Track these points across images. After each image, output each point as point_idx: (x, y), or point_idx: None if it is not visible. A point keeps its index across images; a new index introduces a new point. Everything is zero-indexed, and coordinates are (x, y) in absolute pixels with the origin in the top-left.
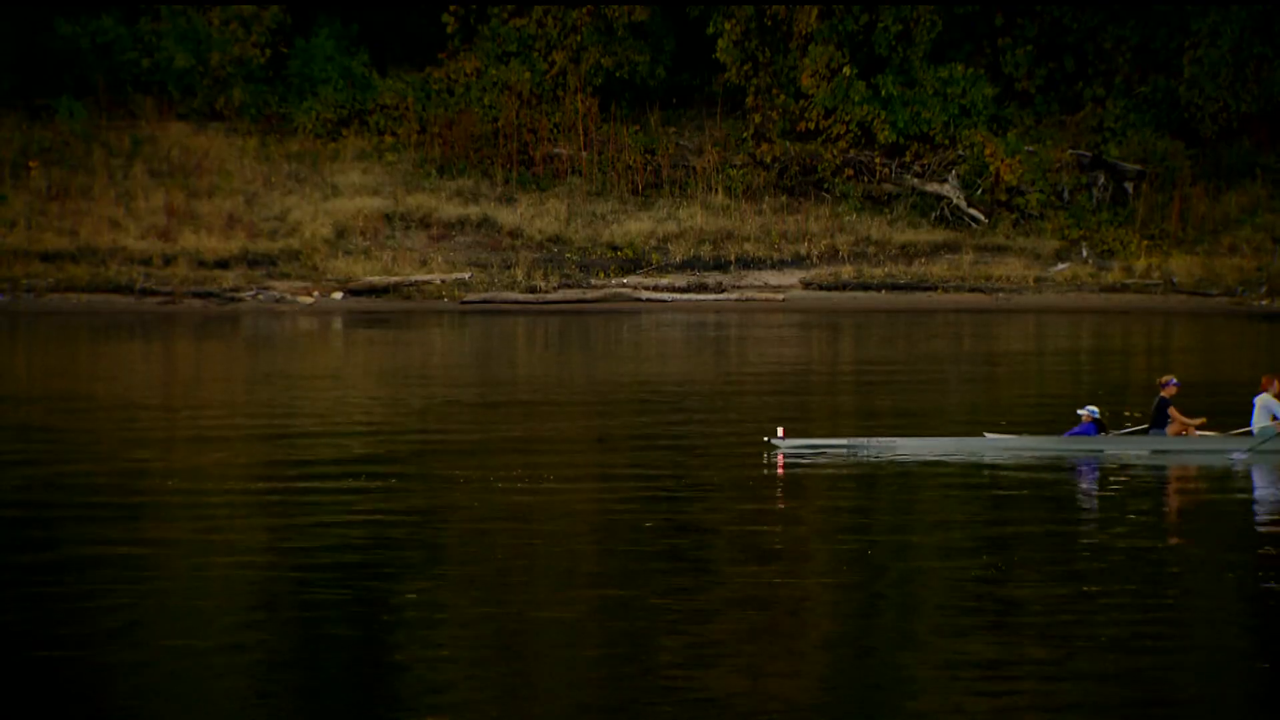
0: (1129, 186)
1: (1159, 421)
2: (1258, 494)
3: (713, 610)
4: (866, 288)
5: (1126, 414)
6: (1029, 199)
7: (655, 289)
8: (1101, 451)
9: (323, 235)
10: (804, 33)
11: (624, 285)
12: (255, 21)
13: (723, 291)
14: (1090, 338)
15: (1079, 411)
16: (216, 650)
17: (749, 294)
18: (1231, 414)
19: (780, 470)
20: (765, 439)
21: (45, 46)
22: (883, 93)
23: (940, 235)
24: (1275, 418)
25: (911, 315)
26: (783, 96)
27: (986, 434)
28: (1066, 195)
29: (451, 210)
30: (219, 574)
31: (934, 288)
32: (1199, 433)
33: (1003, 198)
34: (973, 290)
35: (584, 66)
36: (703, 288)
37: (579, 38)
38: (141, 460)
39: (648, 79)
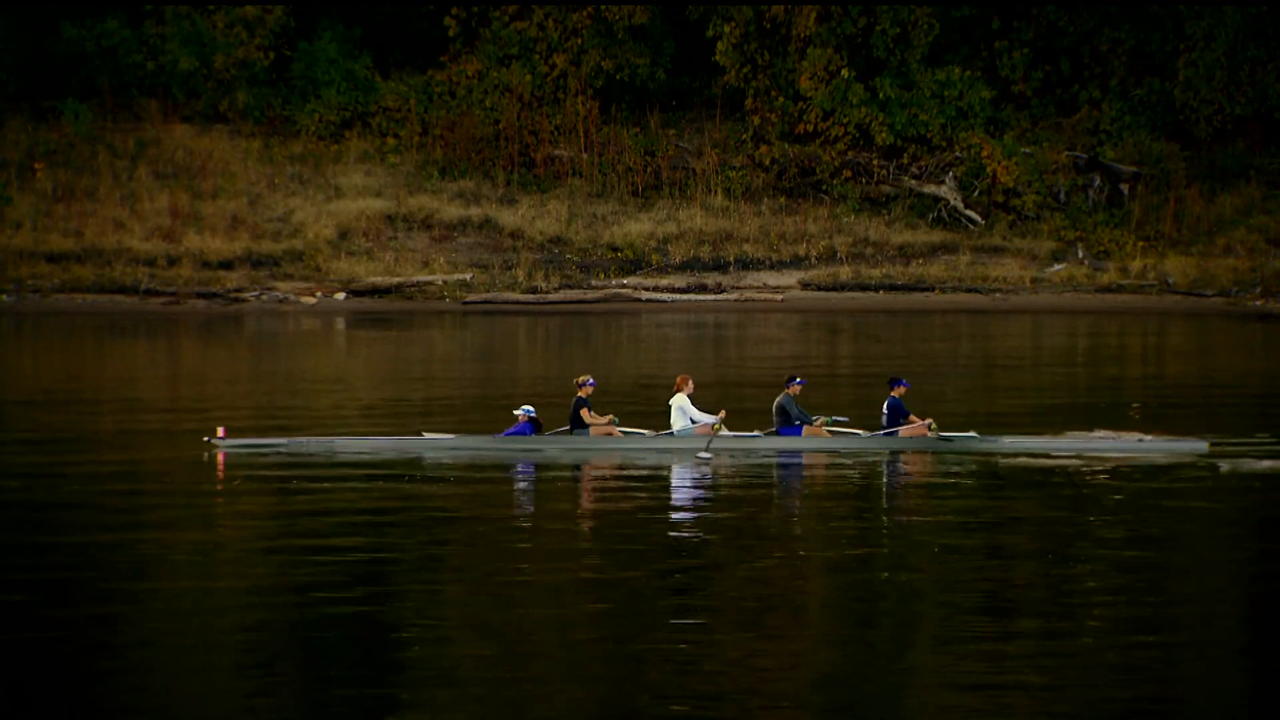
0: (1124, 188)
1: (580, 421)
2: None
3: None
4: (864, 288)
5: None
6: (1025, 200)
7: (655, 290)
8: (540, 451)
9: (325, 236)
10: (802, 35)
11: (624, 286)
12: (259, 24)
13: (722, 292)
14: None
15: (515, 411)
16: (221, 632)
17: (748, 295)
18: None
19: (220, 470)
20: (205, 439)
21: (51, 49)
22: (881, 95)
23: (937, 236)
24: (693, 420)
25: (908, 316)
26: (781, 99)
27: (425, 433)
28: (1063, 197)
29: (453, 211)
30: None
31: (931, 288)
32: (617, 430)
33: (999, 199)
34: (970, 291)
35: (584, 69)
36: (702, 288)
37: (580, 40)
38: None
39: (648, 81)
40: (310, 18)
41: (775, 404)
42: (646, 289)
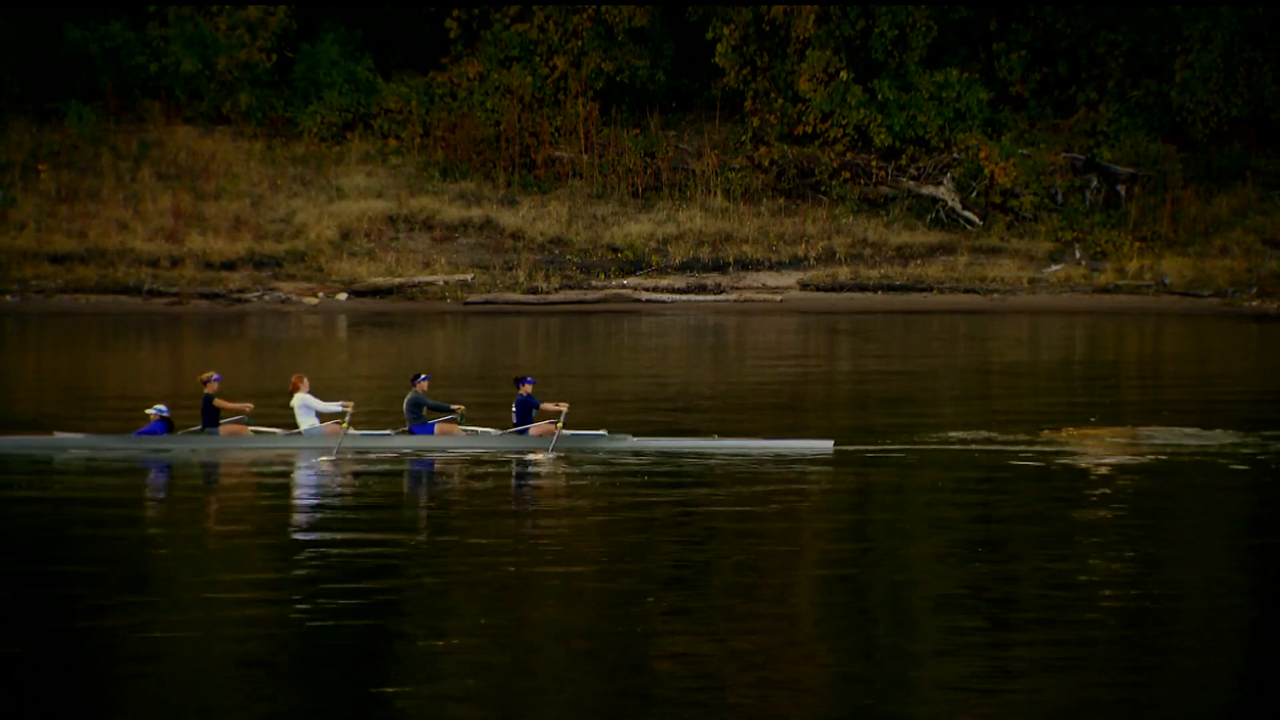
0: (1121, 189)
1: (210, 420)
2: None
3: None
4: (863, 289)
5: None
6: (1023, 201)
7: (655, 290)
8: (170, 450)
9: (327, 237)
10: (801, 38)
11: (624, 286)
12: (261, 26)
13: (721, 293)
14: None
15: (148, 411)
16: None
17: (747, 295)
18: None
19: None
20: None
21: (54, 51)
22: (879, 97)
23: (936, 237)
24: (319, 412)
25: (901, 317)
26: (781, 100)
27: (57, 433)
28: (1060, 198)
29: (454, 212)
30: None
31: (929, 289)
32: (248, 429)
33: (997, 200)
34: (967, 291)
35: (585, 71)
36: (702, 289)
37: (580, 42)
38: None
39: (648, 83)
40: (312, 20)
41: (406, 401)
42: (646, 289)
